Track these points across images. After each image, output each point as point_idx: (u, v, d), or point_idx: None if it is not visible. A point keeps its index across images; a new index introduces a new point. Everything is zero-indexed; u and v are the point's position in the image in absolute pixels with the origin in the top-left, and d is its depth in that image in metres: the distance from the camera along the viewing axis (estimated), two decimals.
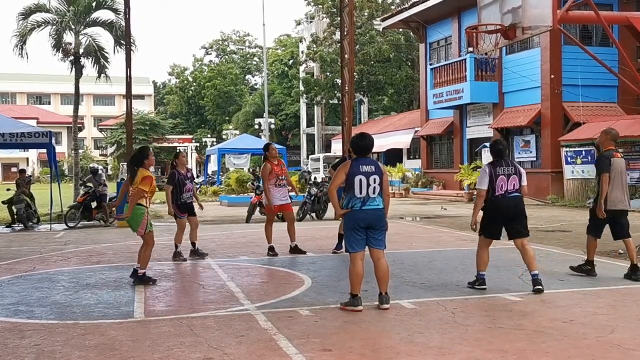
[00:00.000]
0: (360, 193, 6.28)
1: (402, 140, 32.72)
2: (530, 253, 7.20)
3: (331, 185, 6.49)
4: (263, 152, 10.67)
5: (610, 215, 7.97)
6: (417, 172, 30.52)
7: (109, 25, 23.34)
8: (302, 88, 47.76)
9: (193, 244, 10.25)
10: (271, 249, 10.21)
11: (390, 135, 34.14)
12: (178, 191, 9.95)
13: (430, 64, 29.17)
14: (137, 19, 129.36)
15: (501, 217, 7.26)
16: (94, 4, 23.17)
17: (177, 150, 11.45)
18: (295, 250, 10.29)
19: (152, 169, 10.41)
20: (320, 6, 45.26)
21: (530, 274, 7.15)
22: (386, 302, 6.33)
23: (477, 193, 7.50)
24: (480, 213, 7.45)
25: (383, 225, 6.41)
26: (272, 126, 50.77)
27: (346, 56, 17.77)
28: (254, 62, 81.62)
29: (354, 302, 6.28)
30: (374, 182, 6.31)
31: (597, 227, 8.19)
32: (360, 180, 6.27)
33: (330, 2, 41.79)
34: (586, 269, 8.18)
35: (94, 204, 16.36)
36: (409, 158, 33.84)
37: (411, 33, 35.79)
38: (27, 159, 63.58)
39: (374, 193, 6.31)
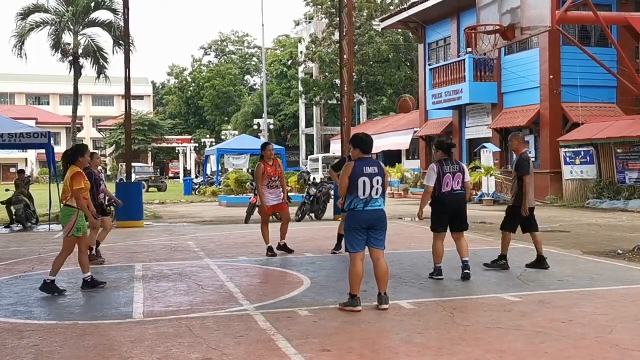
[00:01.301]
0: (364, 194, 6.28)
1: (401, 141, 32.74)
2: (465, 244, 7.95)
3: (340, 193, 6.52)
4: (260, 151, 10.64)
5: (529, 212, 8.51)
6: (416, 173, 30.52)
7: (107, 26, 23.39)
8: (301, 88, 47.81)
9: (98, 243, 9.89)
10: (269, 249, 10.20)
11: (389, 135, 34.17)
12: (95, 191, 9.63)
13: (429, 64, 29.18)
14: (136, 19, 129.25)
15: (447, 212, 7.83)
16: (92, 5, 23.22)
17: (92, 151, 11.13)
18: (283, 248, 10.27)
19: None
20: (319, 6, 45.32)
21: (462, 259, 7.85)
22: (385, 303, 6.33)
23: (425, 189, 8.00)
24: (428, 209, 7.96)
25: (384, 226, 6.43)
26: (271, 126, 50.78)
27: (345, 56, 17.79)
28: (253, 63, 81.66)
29: (353, 303, 6.28)
30: (377, 184, 6.31)
31: (514, 224, 8.66)
32: (364, 181, 6.27)
33: (329, 3, 41.85)
34: (501, 264, 8.60)
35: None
36: (407, 158, 33.86)
37: (410, 33, 35.84)
38: (26, 159, 63.54)
39: (376, 194, 6.32)
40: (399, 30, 37.70)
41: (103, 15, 23.64)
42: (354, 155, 6.50)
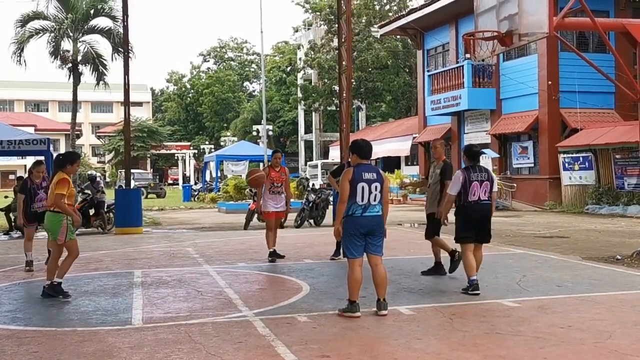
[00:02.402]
0: (362, 200, 6.28)
1: (400, 147, 32.76)
2: (480, 259, 7.57)
3: (340, 200, 6.38)
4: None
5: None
6: (415, 179, 30.52)
7: (107, 33, 23.44)
8: (300, 95, 47.84)
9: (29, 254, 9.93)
10: (271, 254, 10.21)
11: (388, 141, 34.20)
12: (29, 200, 9.89)
13: (428, 71, 29.24)
14: (135, 26, 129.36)
15: (473, 223, 7.44)
16: (92, 12, 23.27)
17: (38, 160, 11.28)
18: (273, 254, 10.29)
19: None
20: (318, 13, 45.44)
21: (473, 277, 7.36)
22: (384, 309, 6.33)
23: (447, 198, 7.63)
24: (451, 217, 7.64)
25: (382, 232, 6.43)
26: (270, 133, 50.77)
27: (344, 63, 17.82)
28: (252, 69, 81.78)
29: (352, 309, 6.28)
30: (376, 190, 6.32)
31: (436, 229, 8.60)
32: (363, 187, 6.27)
33: (328, 10, 41.96)
34: (437, 268, 8.64)
35: (91, 211, 16.35)
36: (407, 164, 33.88)
37: (409, 40, 35.91)
38: (25, 166, 63.43)
39: (375, 200, 6.32)
40: (398, 36, 37.75)
41: (102, 22, 23.73)
42: (353, 161, 6.52)
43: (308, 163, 45.72)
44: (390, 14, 39.13)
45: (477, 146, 7.70)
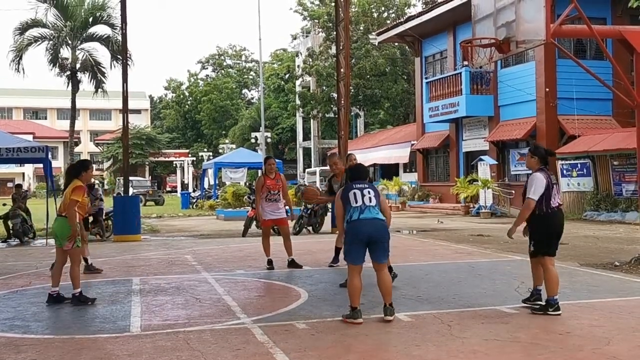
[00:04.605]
0: (356, 202, 6.37)
1: (398, 154, 32.78)
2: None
3: (337, 217, 6.66)
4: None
5: None
6: (413, 186, 30.56)
7: (105, 40, 23.47)
8: (298, 102, 47.90)
9: (85, 259, 9.99)
10: (269, 262, 10.22)
11: (387, 148, 34.22)
12: None
13: (426, 78, 29.29)
14: (133, 33, 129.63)
15: (557, 233, 6.66)
16: (90, 19, 23.30)
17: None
18: (292, 264, 10.29)
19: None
20: (316, 21, 45.54)
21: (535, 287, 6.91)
22: (390, 314, 6.32)
23: (526, 204, 6.52)
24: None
25: (385, 238, 6.40)
26: (269, 140, 50.83)
27: (342, 70, 17.87)
28: (251, 77, 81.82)
29: (354, 315, 6.29)
30: (369, 194, 6.42)
31: None
32: (355, 193, 6.43)
33: (326, 17, 42.04)
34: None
35: (90, 219, 16.30)
36: (405, 171, 33.89)
37: (407, 47, 36.00)
38: (24, 173, 63.47)
39: (369, 202, 6.37)
40: (396, 44, 37.86)
41: (101, 30, 23.75)
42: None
43: (306, 170, 45.74)
44: (388, 22, 39.24)
45: (546, 147, 6.71)
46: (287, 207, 10.56)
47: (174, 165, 62.15)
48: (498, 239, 14.27)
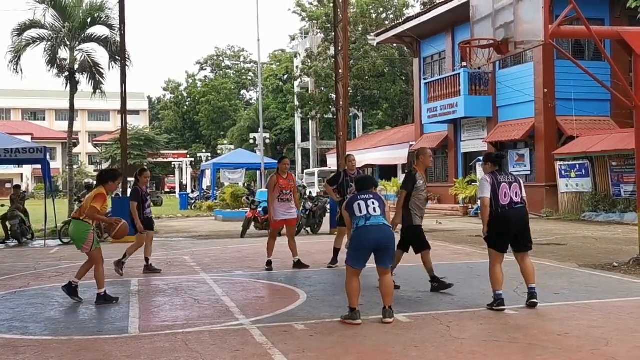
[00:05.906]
0: (360, 212, 6.43)
1: (396, 155, 32.78)
2: (531, 267, 7.01)
3: (347, 229, 6.91)
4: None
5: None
6: None
7: (104, 41, 23.39)
8: (296, 103, 47.90)
9: (147, 259, 10.37)
10: (268, 263, 10.19)
11: (385, 149, 34.23)
12: (142, 207, 10.23)
13: (424, 79, 29.30)
14: (132, 34, 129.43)
15: (510, 230, 6.92)
16: (89, 20, 23.21)
17: (143, 167, 11.71)
18: (298, 264, 10.27)
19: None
20: (315, 22, 45.55)
21: (528, 286, 6.98)
22: (389, 317, 6.34)
23: (481, 202, 7.04)
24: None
25: (392, 245, 6.48)
26: (267, 141, 50.78)
27: (340, 71, 17.88)
28: (249, 77, 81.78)
29: (353, 316, 6.30)
30: (373, 204, 6.48)
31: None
32: (359, 204, 6.50)
33: (324, 18, 42.05)
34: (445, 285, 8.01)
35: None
36: (404, 172, 33.88)
37: (405, 48, 36.00)
38: (22, 174, 63.41)
39: (374, 212, 6.43)
40: (394, 44, 37.85)
41: (99, 30, 23.65)
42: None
43: (305, 171, 45.76)
44: (387, 22, 39.26)
45: (502, 153, 7.35)
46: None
47: (173, 166, 62.10)
48: None
